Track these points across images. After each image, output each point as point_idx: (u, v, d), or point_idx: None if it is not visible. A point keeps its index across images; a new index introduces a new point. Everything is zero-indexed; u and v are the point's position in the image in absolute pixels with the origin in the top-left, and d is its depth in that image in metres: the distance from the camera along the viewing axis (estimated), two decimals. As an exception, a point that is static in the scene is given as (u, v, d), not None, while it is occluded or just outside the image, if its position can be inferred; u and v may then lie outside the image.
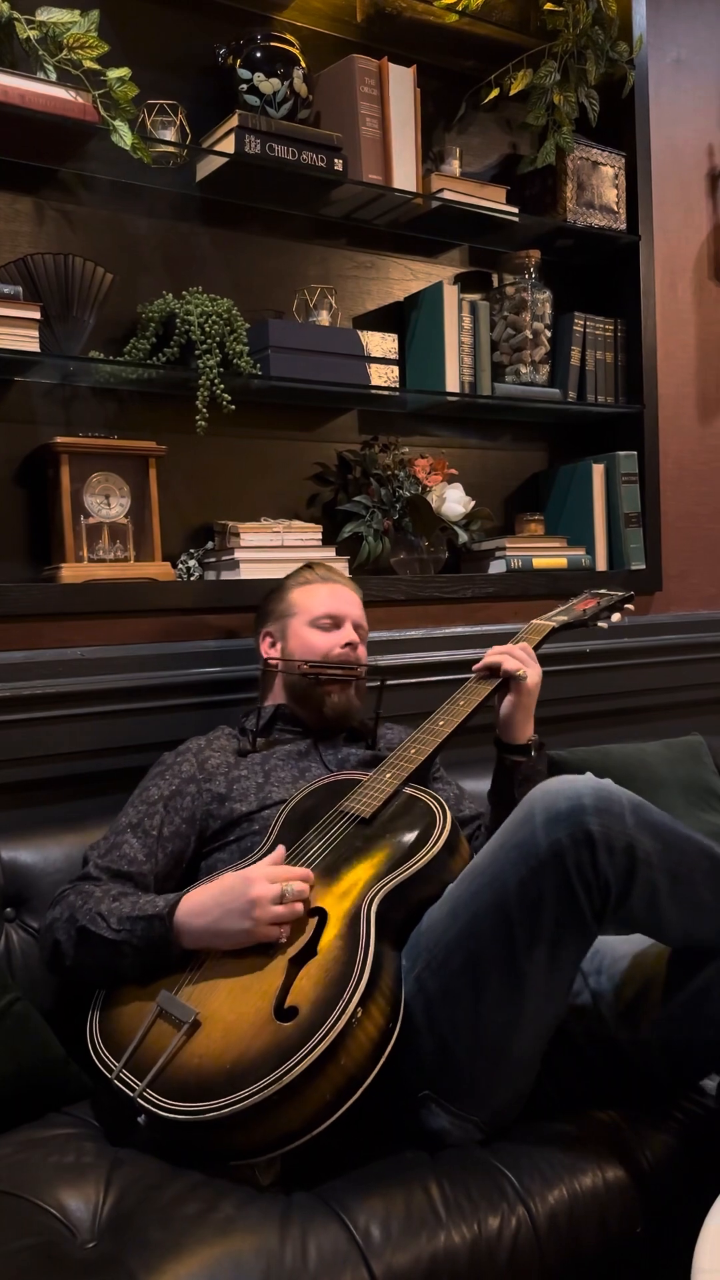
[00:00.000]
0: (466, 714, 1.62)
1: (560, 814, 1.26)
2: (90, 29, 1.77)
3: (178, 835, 1.58)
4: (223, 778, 1.64)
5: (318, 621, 1.77)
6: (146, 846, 1.54)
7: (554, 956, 1.28)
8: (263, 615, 1.85)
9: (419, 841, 1.43)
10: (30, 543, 1.94)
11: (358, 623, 1.81)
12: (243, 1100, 1.17)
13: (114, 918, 1.39)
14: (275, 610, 1.82)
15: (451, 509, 2.29)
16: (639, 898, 1.26)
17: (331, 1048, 1.19)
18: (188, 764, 1.65)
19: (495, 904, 1.28)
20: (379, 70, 2.13)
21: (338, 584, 1.83)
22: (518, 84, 2.34)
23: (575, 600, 1.90)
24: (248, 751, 1.70)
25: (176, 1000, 1.32)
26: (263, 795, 1.62)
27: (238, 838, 1.59)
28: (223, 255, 2.13)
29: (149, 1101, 1.24)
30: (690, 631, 2.72)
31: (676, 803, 2.19)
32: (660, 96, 2.69)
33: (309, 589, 1.81)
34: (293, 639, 1.77)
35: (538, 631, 1.77)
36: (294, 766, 1.69)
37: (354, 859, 1.43)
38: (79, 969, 1.43)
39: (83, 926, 1.40)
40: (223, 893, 1.36)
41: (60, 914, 1.45)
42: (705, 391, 2.83)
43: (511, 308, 2.41)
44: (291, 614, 1.79)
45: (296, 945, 1.33)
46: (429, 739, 1.60)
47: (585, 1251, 1.25)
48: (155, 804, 1.59)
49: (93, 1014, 1.40)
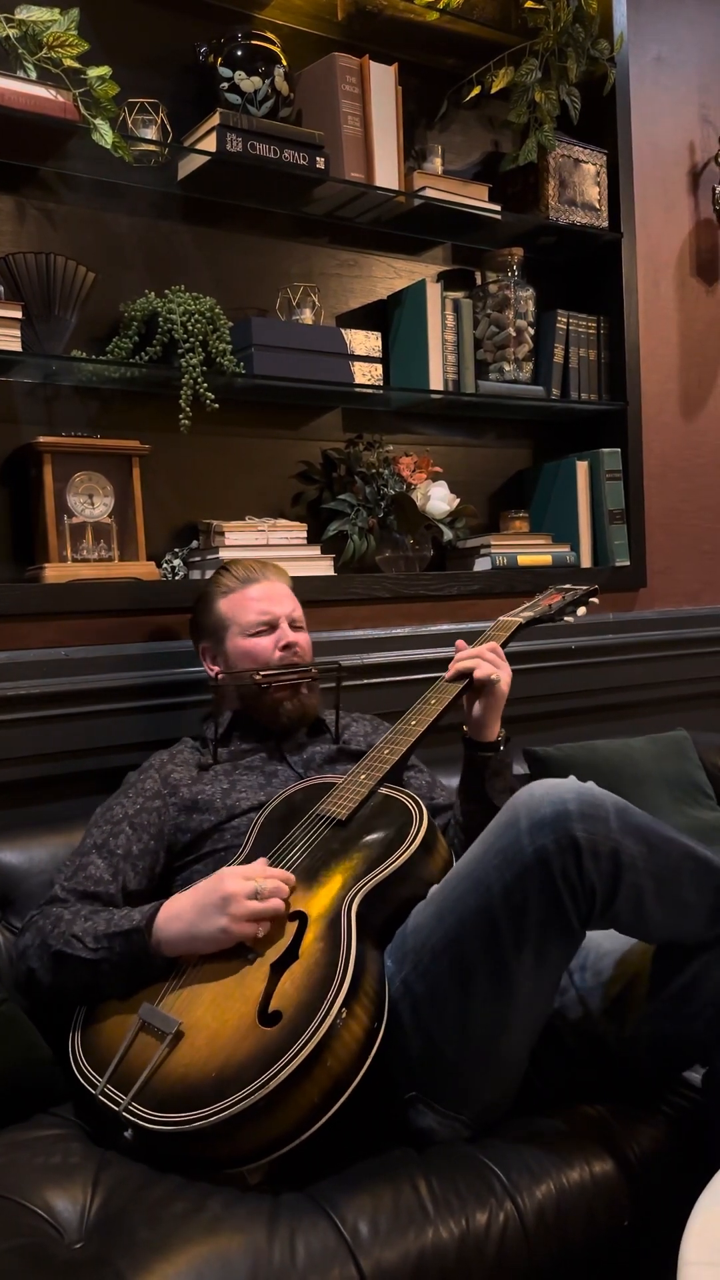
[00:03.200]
0: (438, 713, 1.61)
1: (545, 820, 1.26)
2: (70, 27, 1.77)
3: (146, 852, 1.56)
4: (187, 790, 1.63)
5: (250, 630, 1.74)
6: (112, 866, 1.52)
7: (540, 960, 1.28)
8: (195, 629, 1.82)
9: (396, 841, 1.42)
10: (13, 543, 1.93)
11: (291, 615, 1.77)
12: (230, 1107, 1.17)
13: (89, 937, 1.38)
14: (206, 625, 1.79)
15: (436, 507, 2.29)
16: (625, 901, 1.26)
17: (317, 1050, 1.18)
18: (151, 780, 1.64)
19: (481, 908, 1.28)
20: (360, 68, 2.13)
21: (260, 581, 1.78)
22: (499, 82, 2.34)
23: (541, 596, 1.90)
24: (209, 765, 1.69)
25: (158, 1011, 1.31)
26: (230, 804, 1.61)
27: (210, 850, 1.58)
28: (205, 254, 2.13)
29: (135, 1115, 1.23)
30: (675, 627, 2.73)
31: (662, 798, 2.19)
32: (641, 94, 2.70)
33: (234, 597, 1.77)
34: (232, 652, 1.75)
35: (505, 628, 1.76)
36: (259, 772, 1.68)
37: (332, 861, 1.43)
38: (57, 993, 1.41)
39: (57, 951, 1.38)
40: (198, 895, 1.36)
41: (30, 940, 1.43)
42: (688, 388, 2.84)
43: (495, 305, 2.41)
44: (225, 627, 1.76)
45: (278, 949, 1.32)
46: (402, 739, 1.59)
47: (573, 1245, 1.25)
48: (120, 823, 1.57)
49: (74, 1031, 1.39)
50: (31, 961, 1.42)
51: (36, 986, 1.42)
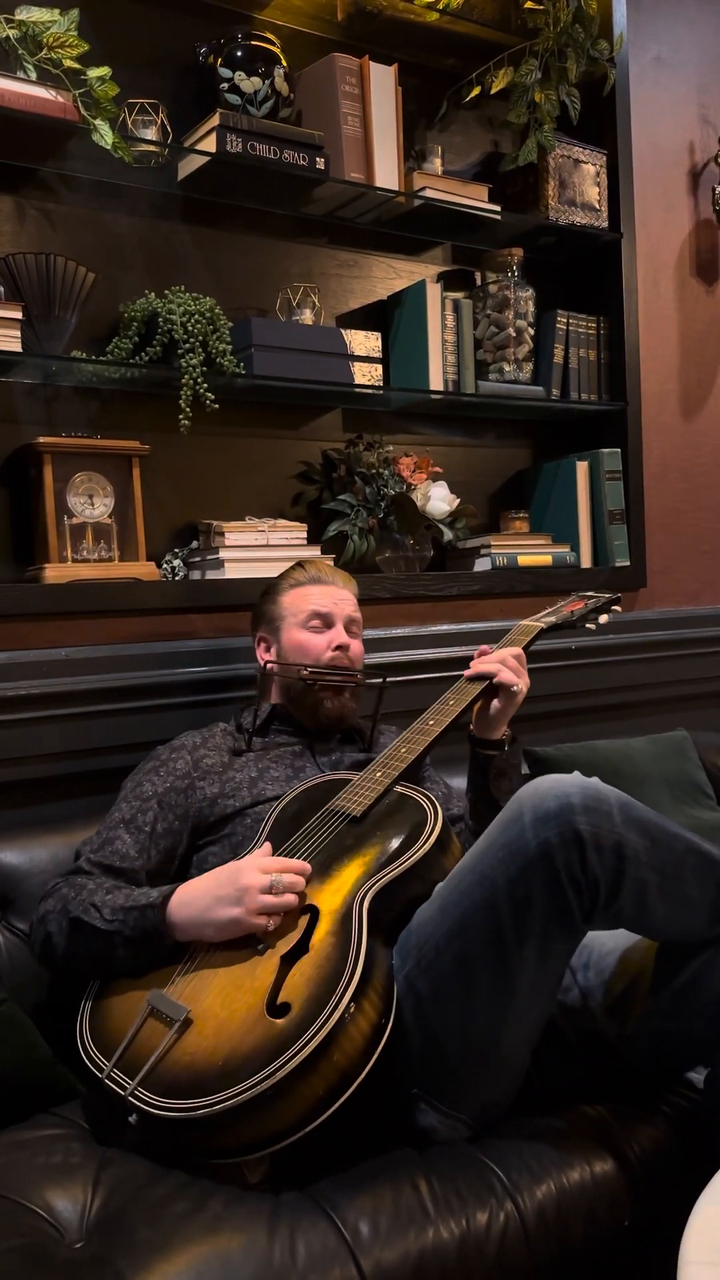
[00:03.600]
0: (456, 714, 1.62)
1: (549, 813, 1.26)
2: (70, 28, 1.77)
3: (170, 832, 1.58)
4: (216, 776, 1.64)
5: (307, 623, 1.77)
6: (139, 843, 1.54)
7: (543, 955, 1.28)
8: (256, 618, 1.85)
9: (410, 839, 1.43)
10: (13, 543, 1.93)
11: (350, 619, 1.80)
12: (236, 1096, 1.17)
13: (107, 909, 1.39)
14: (267, 613, 1.82)
15: (436, 507, 2.29)
16: (628, 895, 1.27)
17: (325, 1043, 1.19)
18: (182, 761, 1.65)
19: (484, 903, 1.28)
20: (360, 69, 2.13)
21: (327, 583, 1.82)
22: (499, 82, 2.34)
23: (563, 602, 1.90)
24: (243, 751, 1.70)
25: (167, 998, 1.32)
26: (256, 792, 1.62)
27: (229, 833, 1.59)
28: (205, 254, 2.13)
29: (140, 1100, 1.24)
30: (675, 628, 2.73)
31: (662, 798, 2.19)
32: (641, 94, 2.70)
33: (298, 591, 1.80)
34: (286, 642, 1.77)
35: (526, 633, 1.77)
36: (288, 766, 1.69)
37: (345, 857, 1.43)
38: (71, 960, 1.43)
39: (75, 917, 1.40)
40: (214, 882, 1.37)
41: (53, 906, 1.45)
42: (688, 388, 2.84)
43: (494, 306, 2.41)
44: (282, 617, 1.79)
45: (288, 942, 1.33)
46: (419, 738, 1.60)
47: (574, 1245, 1.25)
48: (149, 800, 1.59)
49: (82, 1014, 1.39)
50: (50, 925, 1.43)
51: (52, 951, 1.44)
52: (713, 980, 1.31)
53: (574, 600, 1.90)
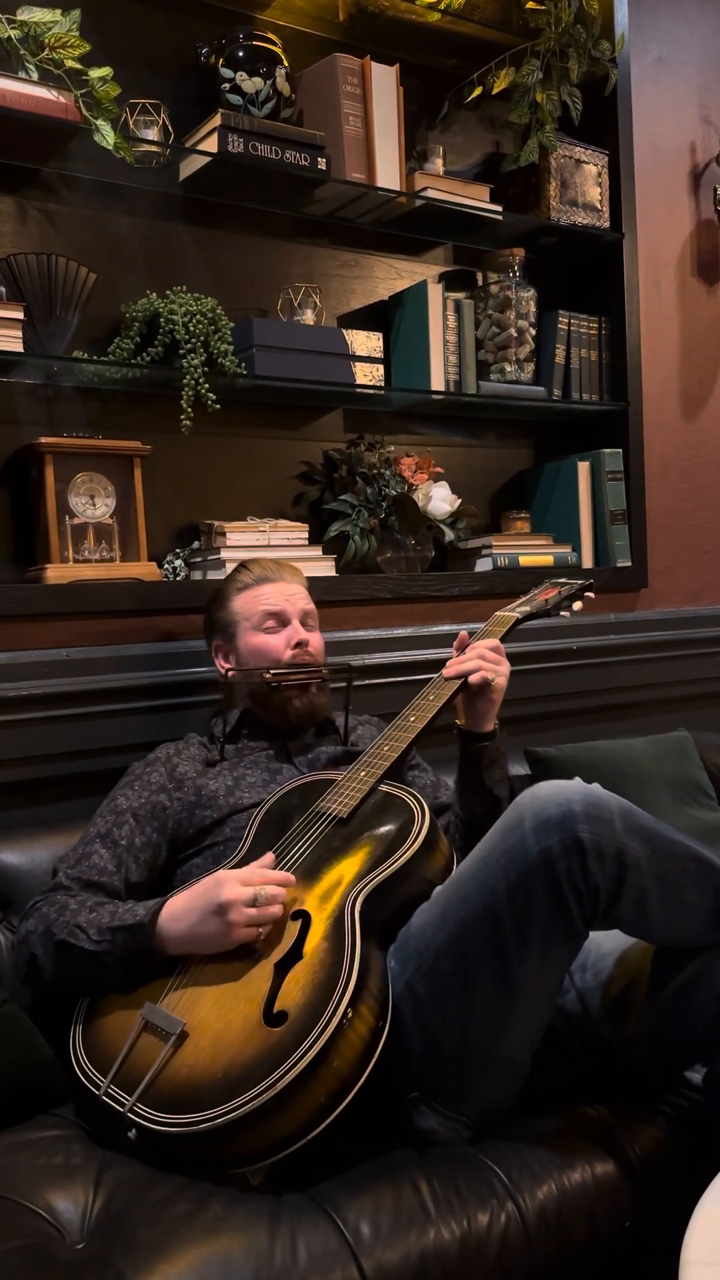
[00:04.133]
0: (436, 709, 1.61)
1: (550, 821, 1.26)
2: (71, 28, 1.77)
3: (149, 845, 1.56)
4: (192, 785, 1.63)
5: (262, 625, 1.75)
6: (116, 856, 1.53)
7: (543, 961, 1.28)
8: (209, 626, 1.83)
9: (398, 839, 1.42)
10: (15, 544, 1.93)
11: (305, 613, 1.78)
12: (237, 1109, 1.16)
13: (93, 929, 1.38)
14: (219, 621, 1.80)
15: (438, 507, 2.29)
16: (628, 903, 1.27)
17: (324, 1051, 1.18)
18: (157, 773, 1.64)
19: (485, 909, 1.28)
20: (362, 69, 2.13)
21: (276, 580, 1.79)
22: (500, 82, 2.34)
23: (536, 590, 1.89)
24: (216, 761, 1.69)
25: (161, 1011, 1.31)
26: (233, 801, 1.61)
27: (210, 844, 1.58)
28: (206, 254, 2.13)
29: (140, 1116, 1.23)
30: (676, 628, 2.73)
31: (663, 798, 2.19)
32: (642, 94, 2.70)
33: (248, 594, 1.78)
34: (243, 648, 1.76)
35: (503, 624, 1.76)
36: (264, 770, 1.68)
37: (334, 859, 1.43)
38: (59, 982, 1.41)
39: (61, 940, 1.38)
40: (196, 896, 1.36)
41: (35, 927, 1.43)
42: (689, 388, 2.84)
43: (496, 306, 2.41)
44: (236, 623, 1.77)
45: (281, 949, 1.32)
46: (402, 735, 1.59)
47: (574, 1246, 1.25)
48: (124, 814, 1.57)
49: (75, 1031, 1.38)
50: (35, 948, 1.42)
51: (38, 973, 1.42)
52: (711, 982, 1.31)
53: (547, 588, 1.89)
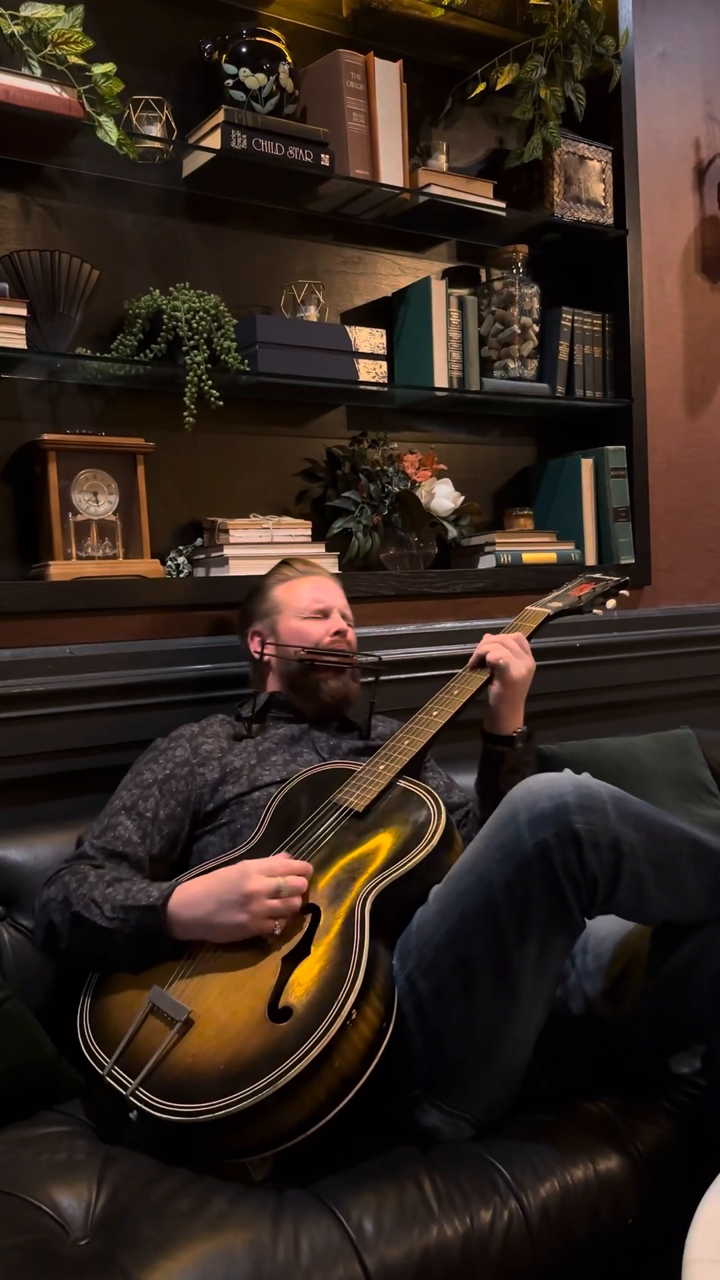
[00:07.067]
0: (460, 704, 1.61)
1: (544, 814, 1.26)
2: (75, 24, 1.77)
3: (172, 818, 1.58)
4: (216, 762, 1.64)
5: (305, 614, 1.80)
6: (141, 828, 1.55)
7: (543, 953, 1.28)
8: (247, 616, 1.87)
9: (414, 838, 1.42)
10: (18, 540, 1.93)
11: (343, 611, 1.84)
12: (238, 1103, 1.17)
13: (107, 905, 1.39)
14: (259, 610, 1.84)
15: (441, 504, 2.29)
16: (626, 889, 1.27)
17: (326, 1050, 1.18)
18: (181, 749, 1.66)
19: (483, 904, 1.28)
20: (365, 65, 2.13)
21: (318, 576, 1.85)
22: (504, 78, 2.33)
23: (570, 585, 1.88)
24: (242, 737, 1.71)
25: (168, 996, 1.32)
26: (254, 777, 1.63)
27: (228, 820, 1.59)
28: (209, 251, 2.13)
29: (141, 1100, 1.24)
30: (679, 625, 2.73)
31: (666, 796, 2.19)
32: (646, 90, 2.69)
33: (290, 585, 1.83)
34: (284, 632, 1.79)
35: (532, 619, 1.75)
36: (286, 751, 1.69)
37: (348, 854, 1.42)
38: (73, 953, 1.43)
39: (76, 912, 1.40)
40: (218, 885, 1.36)
41: (55, 895, 1.45)
42: (693, 385, 2.84)
43: (499, 302, 2.41)
44: (278, 611, 1.81)
45: (290, 943, 1.32)
46: (423, 730, 1.59)
47: (577, 1243, 1.25)
48: (149, 787, 1.59)
49: (82, 1008, 1.39)
50: (53, 915, 1.44)
51: (56, 940, 1.44)
52: (709, 960, 1.31)
53: (582, 583, 1.87)
